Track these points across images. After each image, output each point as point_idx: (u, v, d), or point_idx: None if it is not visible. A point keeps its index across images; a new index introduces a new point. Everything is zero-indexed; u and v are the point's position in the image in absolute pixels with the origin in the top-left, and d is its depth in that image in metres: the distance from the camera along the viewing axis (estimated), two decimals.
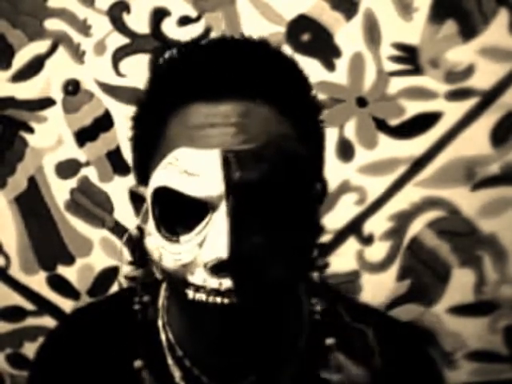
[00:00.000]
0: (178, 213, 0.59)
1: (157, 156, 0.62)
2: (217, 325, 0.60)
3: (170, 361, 0.71)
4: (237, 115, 0.59)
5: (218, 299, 0.57)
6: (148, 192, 0.61)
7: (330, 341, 0.67)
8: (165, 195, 0.59)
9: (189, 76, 0.62)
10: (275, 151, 0.58)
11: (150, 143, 0.63)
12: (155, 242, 0.61)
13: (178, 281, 0.60)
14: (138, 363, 0.67)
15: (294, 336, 0.71)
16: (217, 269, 0.57)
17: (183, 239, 0.59)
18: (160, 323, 0.73)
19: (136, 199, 0.67)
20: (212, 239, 0.57)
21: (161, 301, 0.74)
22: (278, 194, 0.58)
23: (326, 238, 1.15)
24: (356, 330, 0.69)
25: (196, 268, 0.58)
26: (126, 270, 0.65)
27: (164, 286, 0.75)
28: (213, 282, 0.57)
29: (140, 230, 0.63)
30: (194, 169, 0.57)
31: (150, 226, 0.62)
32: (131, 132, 0.68)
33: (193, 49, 0.65)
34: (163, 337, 0.72)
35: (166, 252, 0.60)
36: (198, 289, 0.58)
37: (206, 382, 0.70)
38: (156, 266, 0.63)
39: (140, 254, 0.64)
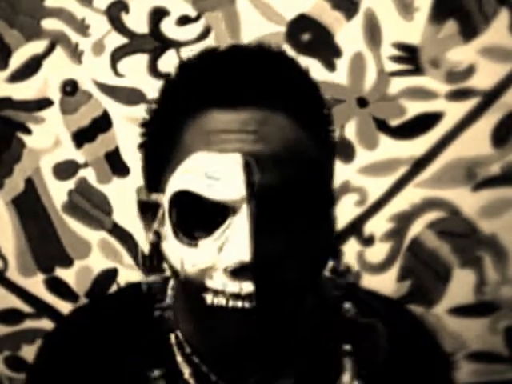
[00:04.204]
0: (197, 217, 0.59)
1: (172, 162, 0.61)
2: (236, 329, 0.60)
3: (179, 358, 0.70)
4: (255, 123, 0.59)
5: (239, 303, 0.57)
6: (165, 197, 0.61)
7: (346, 347, 0.67)
8: (183, 199, 0.59)
9: (206, 82, 0.61)
10: (293, 156, 0.59)
11: (165, 149, 0.63)
12: (172, 247, 0.61)
13: (195, 286, 0.60)
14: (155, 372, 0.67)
15: (307, 337, 0.71)
16: (238, 272, 0.57)
17: (202, 243, 0.59)
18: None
19: (146, 208, 0.66)
20: (233, 243, 0.57)
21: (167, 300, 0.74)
22: (296, 197, 0.58)
23: None
24: (364, 326, 0.69)
25: (215, 272, 0.58)
26: (143, 275, 0.65)
27: (170, 285, 0.74)
28: (232, 287, 0.57)
29: (157, 235, 0.63)
30: (214, 172, 0.58)
31: (167, 231, 0.61)
32: (142, 139, 0.67)
33: (209, 55, 0.65)
34: (171, 334, 0.71)
35: (184, 257, 0.60)
36: (216, 293, 0.58)
37: (214, 379, 0.70)
38: (172, 271, 0.62)
39: (158, 259, 0.63)
